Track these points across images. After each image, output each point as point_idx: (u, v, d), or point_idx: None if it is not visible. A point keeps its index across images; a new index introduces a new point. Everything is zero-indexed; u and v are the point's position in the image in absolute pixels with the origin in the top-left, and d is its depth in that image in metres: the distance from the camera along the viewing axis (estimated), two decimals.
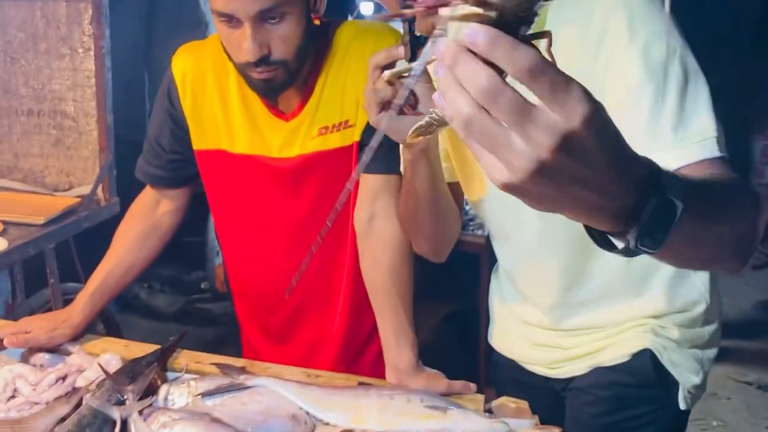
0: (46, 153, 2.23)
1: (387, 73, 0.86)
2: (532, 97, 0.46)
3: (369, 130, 1.24)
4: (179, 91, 1.29)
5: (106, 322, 2.26)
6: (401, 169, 1.09)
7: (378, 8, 5.01)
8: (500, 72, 0.46)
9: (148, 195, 1.40)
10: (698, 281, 1.07)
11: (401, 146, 1.04)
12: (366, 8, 4.51)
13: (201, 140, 1.30)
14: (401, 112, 0.90)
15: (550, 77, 0.45)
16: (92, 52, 2.12)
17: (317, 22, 1.25)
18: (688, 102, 0.82)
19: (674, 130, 0.81)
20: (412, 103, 0.91)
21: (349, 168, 1.25)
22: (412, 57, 0.87)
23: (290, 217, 1.29)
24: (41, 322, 1.27)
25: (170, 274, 4.15)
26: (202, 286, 3.96)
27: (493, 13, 0.46)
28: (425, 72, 0.76)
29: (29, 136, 2.23)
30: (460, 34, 0.46)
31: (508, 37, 0.45)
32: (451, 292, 1.77)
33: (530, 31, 0.49)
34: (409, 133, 0.59)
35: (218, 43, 1.22)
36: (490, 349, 1.31)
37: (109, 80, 2.14)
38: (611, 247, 0.56)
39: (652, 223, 0.53)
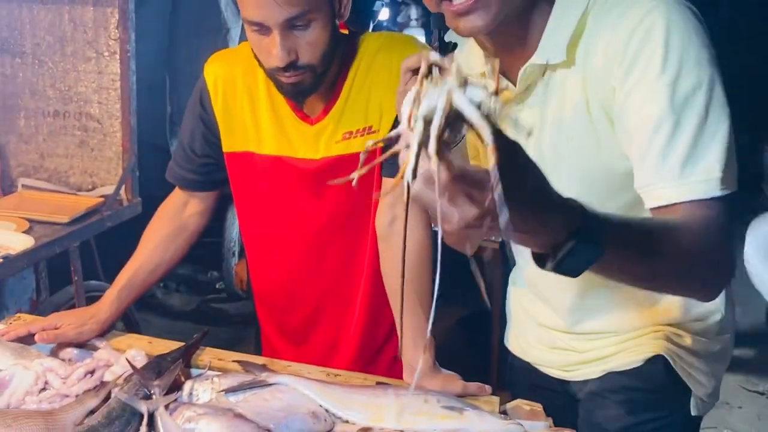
0: (70, 153, 2.28)
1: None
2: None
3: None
4: (211, 97, 1.34)
5: (126, 320, 2.31)
6: None
7: (394, 16, 5.05)
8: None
9: (176, 197, 1.45)
10: (719, 299, 1.09)
11: None
12: (383, 14, 4.58)
13: (231, 143, 1.35)
14: None
15: (467, 184, 0.59)
16: (117, 56, 2.17)
17: (345, 31, 1.29)
18: (703, 140, 0.85)
19: (681, 168, 0.85)
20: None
21: (370, 172, 1.29)
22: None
23: (312, 217, 1.33)
24: (70, 318, 1.32)
25: (186, 274, 4.21)
26: (217, 286, 4.01)
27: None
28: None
29: (55, 136, 2.29)
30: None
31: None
32: (465, 296, 1.80)
33: None
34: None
35: (248, 50, 1.26)
36: (504, 353, 1.34)
37: (134, 83, 2.19)
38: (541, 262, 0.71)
39: (567, 259, 0.67)
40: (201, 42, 3.14)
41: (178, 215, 1.43)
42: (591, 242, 0.67)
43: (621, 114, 0.91)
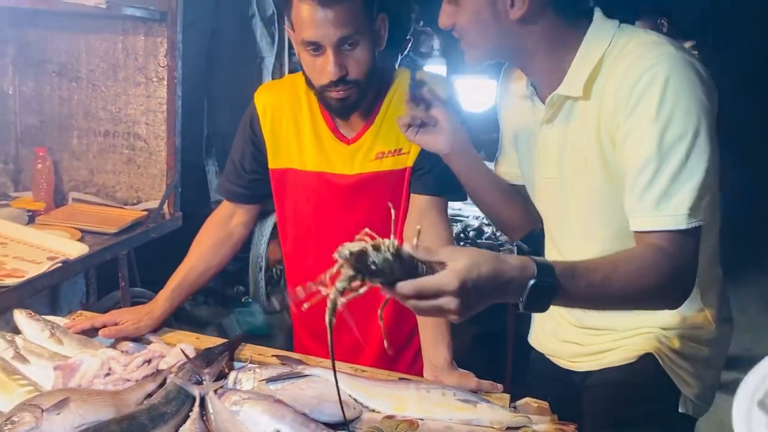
0: (118, 170, 2.47)
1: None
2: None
3: (420, 157, 1.44)
4: (261, 121, 1.52)
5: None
6: None
7: (417, 47, 5.25)
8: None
9: (225, 209, 1.62)
10: (708, 311, 1.23)
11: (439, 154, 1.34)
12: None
13: (276, 160, 1.53)
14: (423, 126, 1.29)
15: (425, 289, 0.87)
16: (165, 82, 2.36)
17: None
18: (678, 182, 1.04)
19: (656, 203, 1.05)
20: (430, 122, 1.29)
21: (399, 187, 1.46)
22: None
23: (345, 226, 1.49)
24: (128, 315, 1.48)
25: (214, 287, 4.37)
26: (243, 300, 4.17)
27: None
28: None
29: (104, 154, 2.48)
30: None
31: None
32: (481, 314, 1.95)
33: None
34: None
35: (291, 82, 1.45)
36: (517, 355, 1.49)
37: (179, 107, 2.38)
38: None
39: (531, 304, 0.91)
40: (237, 69, 3.35)
41: (225, 225, 1.60)
42: (545, 288, 0.91)
43: (621, 147, 1.10)
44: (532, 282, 0.90)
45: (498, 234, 2.99)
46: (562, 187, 1.22)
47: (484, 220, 3.13)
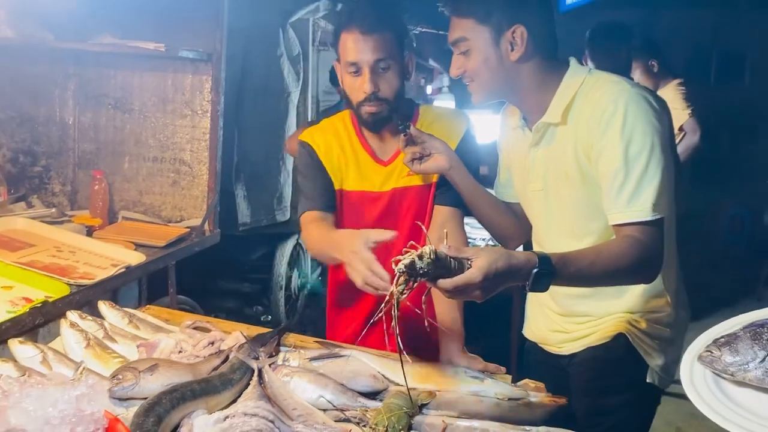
0: (164, 192, 2.78)
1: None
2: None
3: (442, 177, 1.76)
4: (317, 151, 1.84)
5: None
6: None
7: (428, 84, 5.63)
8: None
9: (316, 218, 1.81)
10: (668, 295, 1.52)
11: (442, 173, 1.70)
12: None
13: (335, 182, 1.84)
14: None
15: (459, 284, 1.17)
16: (209, 114, 2.68)
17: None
18: (642, 185, 1.36)
19: (627, 202, 1.37)
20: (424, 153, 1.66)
21: (425, 200, 1.79)
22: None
23: (384, 225, 1.79)
24: None
25: (233, 307, 4.64)
26: (262, 318, 4.44)
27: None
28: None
29: (152, 177, 2.79)
30: None
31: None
32: (489, 311, 2.30)
33: None
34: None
35: (331, 121, 1.81)
36: (520, 356, 1.78)
37: (221, 136, 2.69)
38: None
39: (534, 286, 1.22)
40: (266, 103, 3.68)
41: (321, 219, 1.82)
42: (545, 274, 1.22)
43: (596, 161, 1.43)
44: (535, 270, 1.20)
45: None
46: (547, 197, 1.53)
47: (490, 242, 3.42)
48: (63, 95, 2.82)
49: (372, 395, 1.48)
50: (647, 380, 1.48)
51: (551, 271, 1.22)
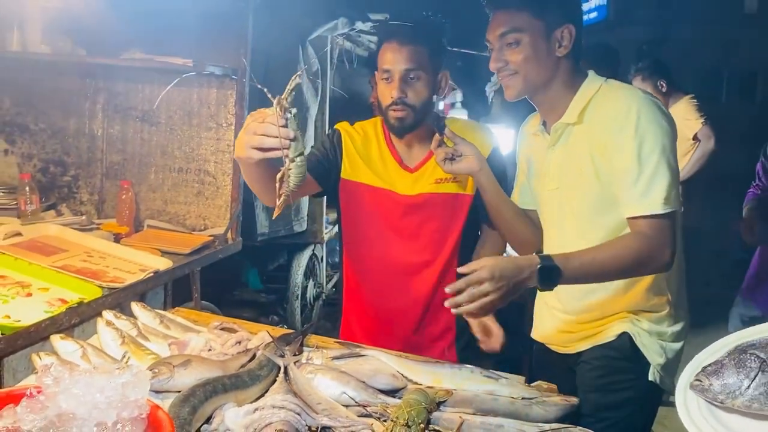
0: (189, 201, 2.88)
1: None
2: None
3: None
4: (342, 138, 1.96)
5: None
6: None
7: (442, 99, 5.75)
8: None
9: None
10: (669, 296, 1.60)
11: (469, 175, 1.82)
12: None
13: (349, 173, 1.94)
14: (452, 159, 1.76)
15: (471, 280, 1.33)
16: (233, 127, 2.79)
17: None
18: (653, 181, 1.46)
19: (640, 196, 1.47)
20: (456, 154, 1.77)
21: (459, 210, 1.90)
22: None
23: (403, 237, 1.87)
24: None
25: (250, 317, 4.72)
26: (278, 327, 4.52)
27: None
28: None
29: (177, 187, 2.89)
30: None
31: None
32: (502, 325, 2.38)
33: None
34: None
35: (362, 125, 1.92)
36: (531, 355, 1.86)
37: None
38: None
39: (541, 286, 1.35)
40: None
41: None
42: (550, 269, 1.35)
43: (611, 159, 1.53)
44: (538, 266, 1.29)
45: None
46: (561, 196, 1.63)
47: None
48: (92, 108, 2.94)
49: (391, 393, 1.55)
50: (649, 378, 1.55)
51: (553, 266, 1.33)
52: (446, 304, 1.37)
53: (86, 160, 2.98)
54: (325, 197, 3.26)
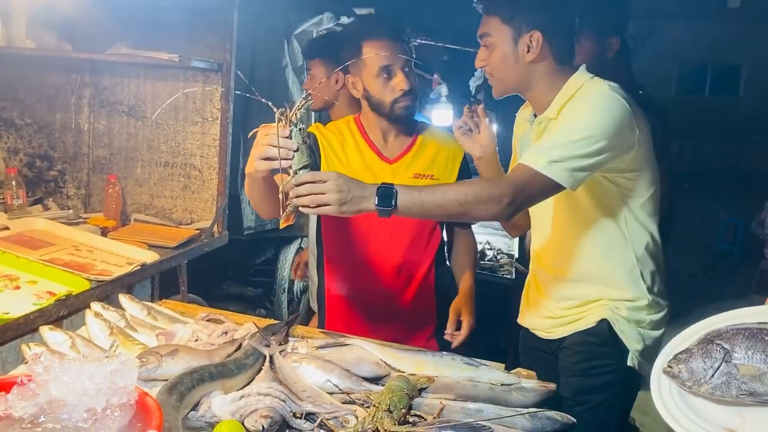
0: (175, 195, 2.90)
1: None
2: None
3: None
4: (318, 138, 1.99)
5: None
6: None
7: (428, 94, 5.79)
8: None
9: None
10: (645, 286, 1.65)
11: (473, 156, 1.84)
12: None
13: (327, 167, 1.96)
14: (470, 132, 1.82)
15: (317, 175, 1.43)
16: (219, 121, 2.81)
17: None
18: (557, 147, 1.50)
19: (537, 150, 1.53)
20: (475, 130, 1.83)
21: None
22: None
23: (382, 229, 1.91)
24: None
25: (236, 310, 4.75)
26: None
27: None
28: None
29: (164, 181, 2.91)
30: None
31: None
32: (488, 317, 2.43)
33: None
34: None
35: (336, 125, 1.95)
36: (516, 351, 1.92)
37: (230, 143, 2.82)
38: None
39: (379, 210, 1.42)
40: (270, 112, 3.80)
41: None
42: (387, 190, 1.41)
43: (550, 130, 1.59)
44: (378, 187, 1.44)
45: (498, 257, 3.40)
46: None
47: (487, 245, 3.55)
48: (79, 103, 2.95)
49: (375, 380, 1.59)
50: (628, 364, 1.61)
51: (392, 189, 1.42)
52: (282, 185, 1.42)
53: (72, 154, 2.99)
54: None
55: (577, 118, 1.52)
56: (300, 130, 1.47)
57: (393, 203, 1.40)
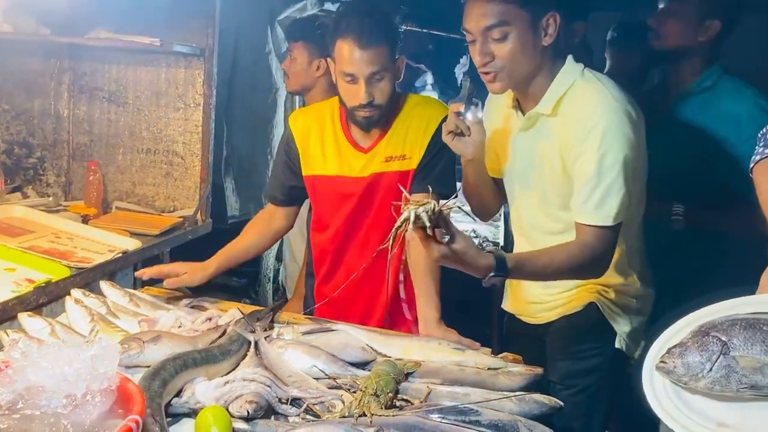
0: (157, 182, 2.86)
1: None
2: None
3: (421, 164, 1.87)
4: (295, 139, 1.94)
5: None
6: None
7: (413, 81, 5.76)
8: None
9: (268, 209, 2.05)
10: (634, 273, 1.65)
11: (461, 156, 1.69)
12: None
13: (308, 169, 1.95)
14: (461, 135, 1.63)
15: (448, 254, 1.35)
16: (201, 107, 2.77)
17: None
18: (609, 194, 1.51)
19: (595, 207, 1.51)
20: (467, 133, 1.64)
21: (403, 185, 1.88)
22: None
23: (363, 216, 1.89)
24: (186, 268, 1.89)
25: (221, 300, 4.73)
26: None
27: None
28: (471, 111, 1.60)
29: (146, 169, 2.86)
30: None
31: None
32: (473, 304, 2.42)
33: None
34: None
35: (319, 107, 1.90)
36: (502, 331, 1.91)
37: (213, 129, 2.78)
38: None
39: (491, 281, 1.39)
40: (254, 99, 3.76)
41: (267, 220, 2.03)
42: (500, 274, 1.40)
43: (573, 164, 1.55)
44: (491, 274, 1.41)
45: (484, 245, 3.40)
46: (528, 181, 1.68)
47: (472, 233, 3.55)
48: (58, 89, 2.89)
49: (361, 365, 1.58)
50: (616, 346, 1.61)
51: (505, 275, 1.41)
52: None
53: (52, 141, 2.93)
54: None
55: (600, 148, 1.48)
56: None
57: (500, 283, 1.45)
